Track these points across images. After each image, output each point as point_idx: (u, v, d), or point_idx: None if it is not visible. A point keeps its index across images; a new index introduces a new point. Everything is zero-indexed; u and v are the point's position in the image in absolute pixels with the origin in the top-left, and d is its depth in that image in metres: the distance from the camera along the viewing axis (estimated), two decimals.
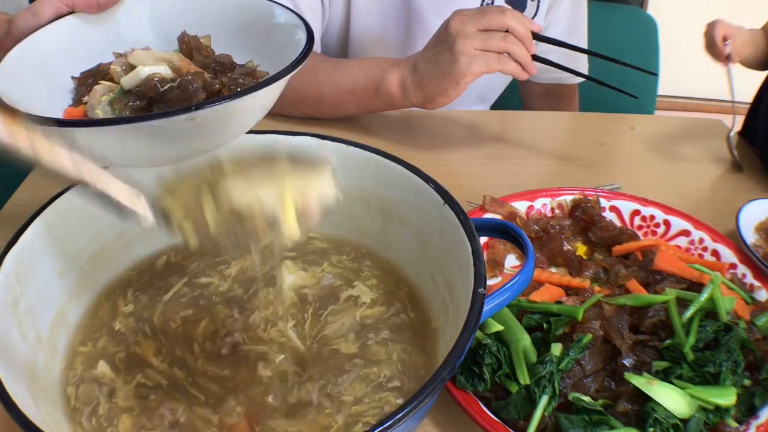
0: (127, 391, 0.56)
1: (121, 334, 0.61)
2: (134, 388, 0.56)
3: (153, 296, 0.65)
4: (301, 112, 1.10)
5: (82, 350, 0.59)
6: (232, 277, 0.67)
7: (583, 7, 1.30)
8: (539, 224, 0.85)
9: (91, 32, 0.64)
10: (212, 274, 0.67)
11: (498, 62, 0.92)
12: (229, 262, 0.69)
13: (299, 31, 0.61)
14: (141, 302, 0.64)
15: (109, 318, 0.63)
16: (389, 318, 0.63)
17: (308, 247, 0.72)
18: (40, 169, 0.42)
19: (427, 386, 0.44)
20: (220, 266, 0.68)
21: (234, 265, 0.68)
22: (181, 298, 0.65)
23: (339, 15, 1.19)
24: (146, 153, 0.54)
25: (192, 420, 0.54)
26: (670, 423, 0.57)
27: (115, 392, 0.56)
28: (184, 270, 0.68)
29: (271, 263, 0.68)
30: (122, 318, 0.62)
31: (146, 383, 0.57)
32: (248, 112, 0.57)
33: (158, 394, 0.56)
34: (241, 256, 0.69)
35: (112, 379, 0.57)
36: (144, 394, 0.56)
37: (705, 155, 1.13)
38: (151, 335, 0.61)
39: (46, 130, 0.48)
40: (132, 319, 0.62)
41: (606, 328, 0.65)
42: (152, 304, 0.64)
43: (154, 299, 0.64)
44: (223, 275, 0.67)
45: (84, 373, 0.57)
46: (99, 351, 0.59)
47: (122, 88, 0.58)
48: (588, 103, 1.38)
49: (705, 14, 1.14)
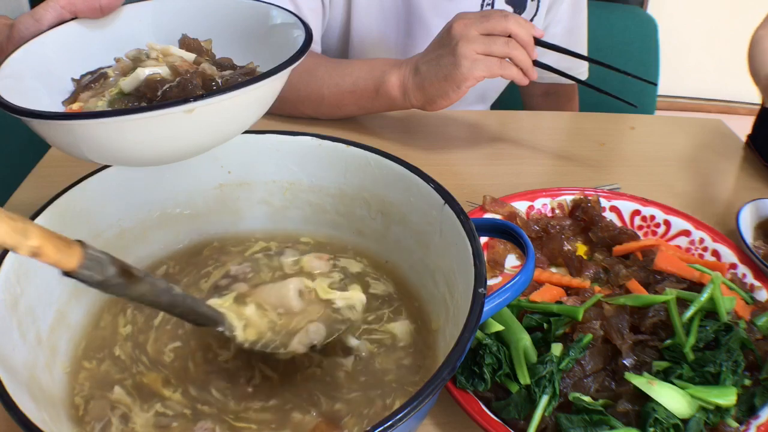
0: (146, 418, 0.54)
1: (122, 360, 0.60)
2: (153, 416, 0.55)
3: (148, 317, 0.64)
4: (301, 112, 1.10)
5: (87, 366, 0.59)
6: (206, 291, 0.65)
7: (583, 7, 1.30)
8: (539, 224, 0.85)
9: (93, 36, 0.64)
10: (193, 291, 0.66)
11: (500, 67, 0.92)
12: (209, 274, 0.68)
13: (297, 30, 0.61)
14: (138, 324, 0.63)
15: (111, 338, 0.61)
16: (389, 318, 0.63)
17: (308, 248, 0.72)
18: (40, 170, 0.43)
19: (427, 386, 0.44)
20: (201, 280, 0.67)
21: (213, 276, 0.67)
22: (166, 325, 0.63)
23: (339, 15, 1.19)
24: (147, 150, 0.54)
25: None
26: (671, 423, 0.57)
27: (131, 417, 0.54)
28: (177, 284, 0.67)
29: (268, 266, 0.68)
30: (121, 342, 0.61)
31: (166, 412, 0.55)
32: (247, 107, 0.57)
33: (180, 421, 0.54)
34: (222, 265, 0.69)
35: (127, 404, 0.55)
36: (165, 423, 0.54)
37: (705, 155, 1.13)
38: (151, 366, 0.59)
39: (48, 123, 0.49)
40: (130, 344, 0.61)
41: (606, 328, 0.65)
42: (147, 329, 0.62)
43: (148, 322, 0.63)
44: (200, 289, 0.66)
45: (93, 391, 0.56)
46: (103, 373, 0.58)
47: (122, 90, 0.59)
48: (588, 103, 1.38)
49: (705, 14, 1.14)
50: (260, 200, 0.73)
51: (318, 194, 0.71)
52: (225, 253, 0.71)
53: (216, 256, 0.70)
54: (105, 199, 0.65)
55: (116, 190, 0.65)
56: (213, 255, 0.71)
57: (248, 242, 0.72)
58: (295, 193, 0.72)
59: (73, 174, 0.63)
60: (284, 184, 0.72)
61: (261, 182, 0.72)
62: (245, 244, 0.72)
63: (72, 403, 0.55)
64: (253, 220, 0.73)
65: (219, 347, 0.60)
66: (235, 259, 0.69)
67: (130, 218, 0.67)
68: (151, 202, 0.69)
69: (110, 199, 0.65)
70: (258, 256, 0.64)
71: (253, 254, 0.70)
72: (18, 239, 0.41)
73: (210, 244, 0.72)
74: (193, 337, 0.61)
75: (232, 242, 0.72)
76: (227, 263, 0.69)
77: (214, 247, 0.72)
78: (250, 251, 0.71)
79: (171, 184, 0.69)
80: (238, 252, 0.71)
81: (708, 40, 3.07)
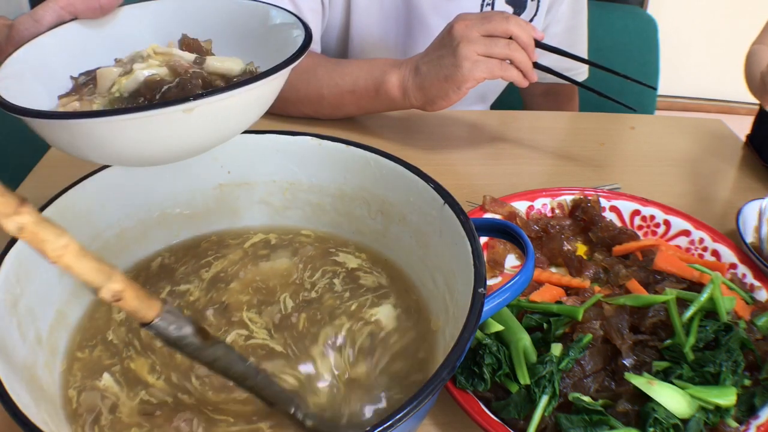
0: (131, 407, 0.55)
1: (114, 345, 0.60)
2: (138, 404, 0.55)
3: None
4: (301, 112, 1.10)
5: (80, 356, 0.59)
6: (207, 281, 0.66)
7: (583, 6, 1.30)
8: (539, 224, 0.85)
9: (93, 36, 0.64)
10: (192, 279, 0.66)
11: (500, 69, 0.93)
12: (210, 264, 0.68)
13: (297, 29, 0.61)
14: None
15: (104, 325, 0.61)
16: (389, 318, 0.63)
17: (307, 248, 0.72)
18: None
19: (427, 386, 0.44)
20: (202, 269, 0.67)
21: (214, 267, 0.67)
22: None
23: (339, 15, 1.19)
24: (146, 150, 0.54)
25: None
26: (670, 423, 0.57)
27: (118, 407, 0.55)
28: (173, 274, 0.67)
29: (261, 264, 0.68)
30: (115, 327, 0.61)
31: (150, 400, 0.55)
32: (247, 107, 0.57)
33: (164, 410, 0.54)
34: (223, 257, 0.69)
35: (115, 393, 0.56)
36: (149, 411, 0.54)
37: (705, 155, 1.13)
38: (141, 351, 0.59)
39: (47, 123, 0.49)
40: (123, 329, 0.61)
41: (606, 328, 0.65)
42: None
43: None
44: (201, 278, 0.66)
45: (85, 381, 0.57)
46: (95, 360, 0.58)
47: (121, 91, 0.58)
48: (588, 103, 1.38)
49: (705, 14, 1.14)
50: (260, 200, 0.73)
51: (318, 194, 0.71)
52: (224, 246, 0.71)
53: (215, 248, 0.70)
54: (105, 199, 0.65)
55: (116, 190, 0.65)
56: (212, 247, 0.71)
57: (247, 234, 0.72)
58: (294, 193, 0.72)
59: (73, 174, 0.63)
60: (284, 184, 0.72)
61: (261, 182, 0.72)
62: (243, 236, 0.72)
63: (67, 398, 0.55)
64: (252, 220, 0.73)
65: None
66: (235, 251, 0.69)
67: (129, 218, 0.68)
68: (151, 202, 0.69)
69: (110, 199, 0.65)
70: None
71: (252, 245, 0.70)
72: (102, 280, 0.42)
73: (208, 238, 0.72)
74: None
75: (231, 236, 0.72)
76: (228, 255, 0.69)
77: (212, 240, 0.72)
78: (249, 243, 0.71)
79: (171, 184, 0.69)
80: (237, 244, 0.71)
81: (708, 40, 3.07)
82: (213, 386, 0.56)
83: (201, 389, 0.56)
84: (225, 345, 0.49)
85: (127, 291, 0.43)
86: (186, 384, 0.56)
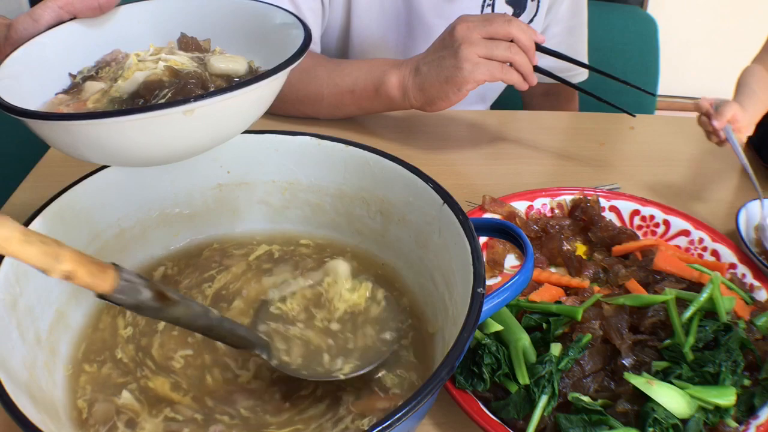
0: (155, 423, 0.54)
1: (124, 364, 0.59)
2: (163, 422, 0.54)
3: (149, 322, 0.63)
4: (300, 112, 1.10)
5: (87, 369, 0.58)
6: (210, 297, 0.66)
7: (583, 7, 1.30)
8: (539, 224, 0.85)
9: (91, 35, 0.64)
10: (195, 295, 0.66)
11: (501, 71, 0.93)
12: (213, 278, 0.67)
13: (296, 29, 0.61)
14: (139, 326, 0.63)
15: (111, 340, 0.61)
16: (388, 318, 0.63)
17: (307, 248, 0.72)
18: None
19: (426, 386, 0.44)
20: (204, 284, 0.67)
21: (217, 281, 0.67)
22: (171, 331, 0.62)
23: (339, 15, 1.19)
24: (146, 150, 0.54)
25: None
26: (670, 423, 0.57)
27: (138, 423, 0.54)
28: (176, 287, 0.66)
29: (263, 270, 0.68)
30: (123, 344, 0.61)
31: (176, 417, 0.55)
32: (246, 107, 0.57)
33: (191, 426, 0.54)
34: (227, 269, 0.68)
35: (135, 409, 0.55)
36: (174, 428, 0.54)
37: (705, 155, 1.13)
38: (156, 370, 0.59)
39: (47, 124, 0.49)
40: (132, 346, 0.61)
41: (605, 328, 0.65)
42: (150, 333, 0.62)
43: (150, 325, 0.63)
44: (204, 294, 0.66)
45: (96, 395, 0.56)
46: (104, 377, 0.58)
47: (120, 93, 0.58)
48: (588, 103, 1.38)
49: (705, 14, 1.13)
50: (259, 200, 0.73)
51: (317, 194, 0.71)
52: (227, 256, 0.70)
53: (218, 259, 0.70)
54: (105, 199, 0.65)
55: (116, 190, 0.65)
56: (214, 257, 0.70)
57: (250, 245, 0.72)
58: (294, 193, 0.72)
59: (73, 174, 0.63)
60: (283, 184, 0.72)
61: (260, 182, 0.72)
62: (247, 247, 0.72)
63: (74, 406, 0.55)
64: (252, 220, 0.73)
65: (238, 368, 0.59)
66: (239, 264, 0.69)
67: (129, 218, 0.68)
68: (151, 201, 0.69)
69: (110, 199, 0.65)
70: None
71: (256, 258, 0.70)
72: (50, 262, 0.41)
73: (210, 246, 0.72)
74: (206, 349, 0.60)
75: (233, 244, 0.72)
76: (231, 267, 0.69)
77: (214, 249, 0.72)
78: (254, 255, 0.70)
79: (170, 184, 0.69)
80: (241, 255, 0.70)
81: (708, 40, 3.07)
82: (266, 411, 0.55)
83: (254, 416, 0.55)
84: (185, 303, 0.49)
85: (78, 269, 0.42)
86: (230, 410, 0.55)
